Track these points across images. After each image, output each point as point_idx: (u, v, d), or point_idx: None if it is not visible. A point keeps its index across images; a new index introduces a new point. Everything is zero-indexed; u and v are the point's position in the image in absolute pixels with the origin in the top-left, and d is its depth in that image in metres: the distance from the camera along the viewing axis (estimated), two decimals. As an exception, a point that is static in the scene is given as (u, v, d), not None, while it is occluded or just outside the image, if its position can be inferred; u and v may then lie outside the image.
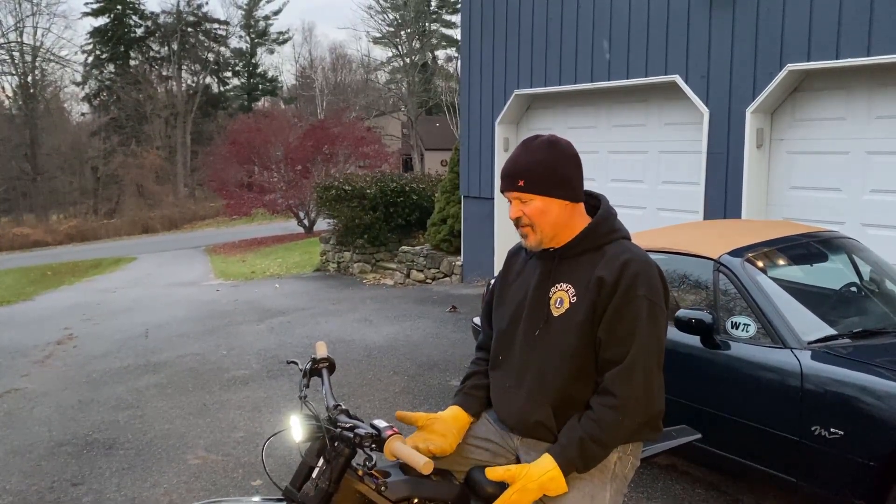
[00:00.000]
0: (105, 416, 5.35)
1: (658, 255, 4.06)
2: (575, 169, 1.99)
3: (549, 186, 1.94)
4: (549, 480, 1.82)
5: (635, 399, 1.84)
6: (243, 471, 4.22)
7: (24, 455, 4.66)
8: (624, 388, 1.84)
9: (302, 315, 8.80)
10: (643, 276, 1.88)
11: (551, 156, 1.96)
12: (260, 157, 23.39)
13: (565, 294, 1.94)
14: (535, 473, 1.82)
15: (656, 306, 1.88)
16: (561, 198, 1.95)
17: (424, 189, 12.62)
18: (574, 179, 1.98)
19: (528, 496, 1.82)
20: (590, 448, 1.83)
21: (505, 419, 2.08)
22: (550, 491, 1.83)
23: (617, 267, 1.88)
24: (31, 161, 42.36)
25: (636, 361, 1.84)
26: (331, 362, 2.10)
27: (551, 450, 1.86)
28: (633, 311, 1.85)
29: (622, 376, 1.84)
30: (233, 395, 5.68)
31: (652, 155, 7.42)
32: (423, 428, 2.04)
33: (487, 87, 9.17)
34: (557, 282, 1.97)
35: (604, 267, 1.90)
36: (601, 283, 1.88)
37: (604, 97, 7.86)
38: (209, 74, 49.94)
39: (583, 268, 1.94)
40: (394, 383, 5.80)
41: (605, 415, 1.84)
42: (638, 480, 3.84)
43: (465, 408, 2.13)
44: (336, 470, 1.84)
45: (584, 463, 1.84)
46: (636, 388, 1.84)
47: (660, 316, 1.89)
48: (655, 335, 1.88)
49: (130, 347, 7.57)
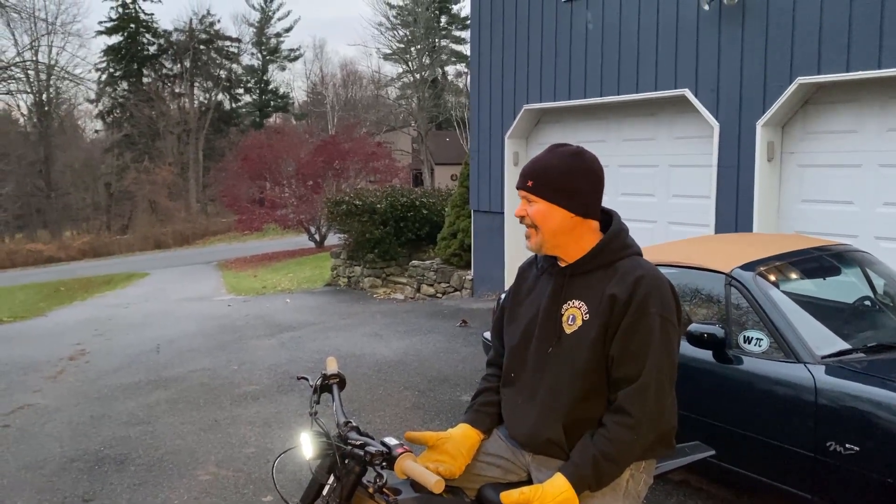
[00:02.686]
0: (117, 431, 5.36)
1: (669, 269, 4.04)
2: (590, 184, 1.96)
3: (555, 193, 1.93)
4: (564, 501, 1.80)
5: (649, 417, 1.82)
6: (254, 487, 4.21)
7: (36, 471, 4.67)
8: (638, 406, 1.82)
9: (312, 330, 8.80)
10: (656, 293, 1.86)
11: (569, 164, 1.95)
12: (271, 173, 23.52)
13: (578, 311, 1.92)
14: (550, 494, 1.80)
15: (669, 323, 1.86)
16: (566, 208, 1.94)
17: (434, 203, 12.64)
18: (586, 194, 1.95)
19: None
20: (603, 466, 1.82)
21: (516, 436, 2.07)
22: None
23: (629, 284, 1.87)
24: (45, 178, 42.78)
25: (650, 380, 1.82)
26: (341, 378, 2.09)
27: (564, 469, 1.85)
28: (646, 329, 1.84)
29: (636, 395, 1.82)
30: (244, 411, 5.68)
31: (662, 169, 7.41)
32: (434, 448, 2.02)
33: (497, 102, 9.20)
34: (569, 299, 1.95)
35: (616, 284, 1.89)
36: (614, 300, 1.87)
37: (613, 111, 7.87)
38: (221, 91, 50.38)
39: (595, 285, 1.92)
40: (405, 398, 5.78)
41: (619, 433, 1.83)
42: (651, 497, 3.80)
43: (475, 425, 2.11)
44: (346, 487, 1.83)
45: (597, 481, 1.83)
46: (650, 407, 1.82)
47: (672, 333, 1.87)
48: (668, 353, 1.86)
49: (142, 363, 7.60)
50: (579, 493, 1.82)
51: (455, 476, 1.99)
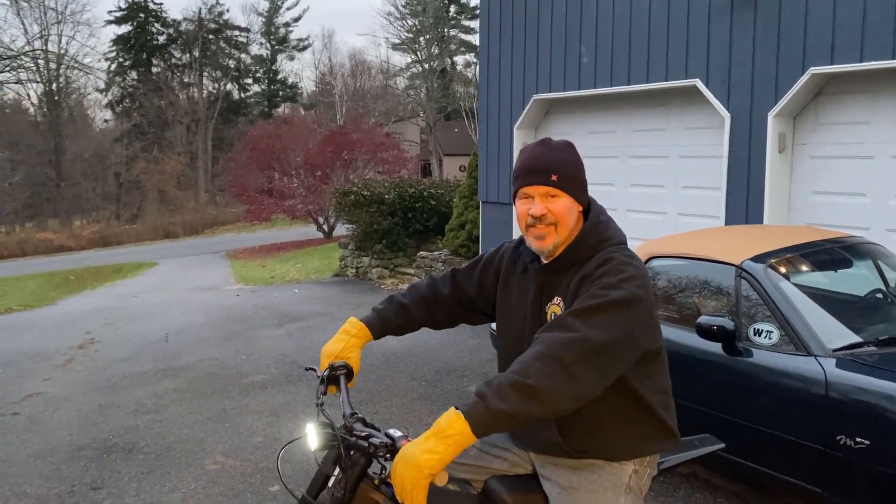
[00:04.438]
0: (125, 420, 5.39)
1: (679, 260, 4.01)
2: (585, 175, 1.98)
3: (577, 187, 1.91)
4: (451, 430, 1.57)
5: (564, 371, 1.60)
6: (261, 476, 4.22)
7: (44, 459, 4.69)
8: (562, 349, 1.62)
9: (321, 320, 8.81)
10: (617, 268, 1.76)
11: (576, 157, 1.94)
12: (280, 163, 23.50)
13: (558, 308, 1.87)
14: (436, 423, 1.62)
15: (626, 301, 1.70)
16: (581, 202, 1.92)
17: (443, 194, 12.60)
18: (586, 186, 1.97)
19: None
20: (502, 391, 1.58)
21: (516, 435, 2.07)
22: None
23: (594, 265, 1.81)
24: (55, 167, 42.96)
25: (576, 339, 1.64)
26: (349, 370, 2.08)
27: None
28: (595, 292, 1.72)
29: (564, 341, 1.64)
30: (252, 401, 5.69)
31: (672, 160, 7.35)
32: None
33: (506, 92, 9.14)
34: (551, 297, 1.90)
35: (585, 268, 1.83)
36: (581, 280, 1.81)
37: (623, 101, 7.81)
38: (230, 81, 50.39)
39: (571, 279, 1.86)
40: (412, 389, 5.78)
41: (529, 362, 1.62)
42: (658, 489, 3.79)
43: (366, 323, 2.15)
44: (351, 479, 1.82)
45: (488, 408, 1.57)
46: (567, 363, 1.61)
47: (620, 313, 1.69)
48: (607, 327, 1.66)
49: (151, 352, 7.62)
50: (474, 422, 1.57)
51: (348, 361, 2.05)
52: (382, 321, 2.18)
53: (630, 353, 1.73)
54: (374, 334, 2.16)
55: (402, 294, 2.24)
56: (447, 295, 2.21)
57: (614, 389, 1.78)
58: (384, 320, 2.18)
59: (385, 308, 2.20)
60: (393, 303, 2.21)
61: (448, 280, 2.23)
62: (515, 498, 1.97)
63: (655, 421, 1.90)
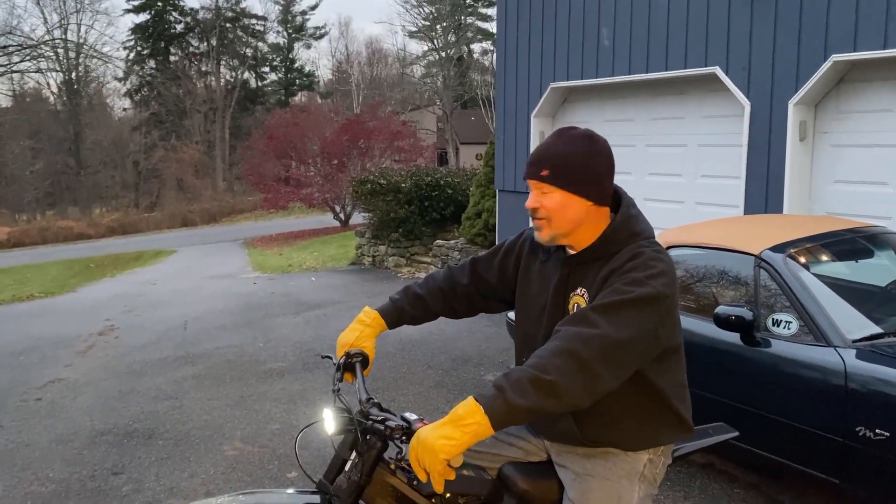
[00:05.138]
0: (145, 406, 5.45)
1: (697, 250, 3.99)
2: (606, 169, 1.86)
3: (573, 182, 1.82)
4: (469, 419, 1.58)
5: (582, 365, 1.60)
6: (279, 462, 4.26)
7: (66, 443, 4.76)
8: (581, 346, 1.61)
9: (338, 308, 8.85)
10: (643, 267, 1.74)
11: (585, 149, 1.84)
12: (297, 152, 23.57)
13: (582, 300, 1.86)
14: (454, 412, 1.63)
15: (651, 299, 1.68)
16: (585, 196, 1.83)
17: (459, 183, 12.59)
18: (605, 180, 1.86)
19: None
20: (521, 386, 1.59)
21: (531, 424, 2.07)
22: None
23: (622, 260, 1.78)
24: (74, 155, 43.38)
25: (595, 335, 1.63)
26: (364, 357, 2.09)
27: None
28: (621, 288, 1.70)
29: (582, 337, 1.63)
30: (269, 388, 5.74)
31: (691, 148, 7.29)
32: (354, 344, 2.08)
33: (523, 81, 9.10)
34: (575, 288, 1.88)
35: (612, 263, 1.81)
36: (609, 273, 1.79)
37: (642, 90, 7.75)
38: (247, 70, 50.52)
39: (598, 272, 1.84)
40: (428, 377, 5.80)
41: (551, 358, 1.61)
42: (675, 478, 3.79)
43: (381, 313, 2.16)
44: (367, 463, 1.83)
45: (505, 400, 1.58)
46: (588, 357, 1.60)
47: (645, 311, 1.68)
48: (628, 324, 1.65)
49: (170, 339, 7.70)
50: (492, 415, 1.58)
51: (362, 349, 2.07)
52: (397, 311, 2.19)
53: (650, 350, 1.73)
54: (388, 324, 2.17)
55: (419, 284, 2.24)
56: (465, 284, 2.19)
57: (631, 383, 1.78)
58: (399, 310, 2.19)
59: (400, 298, 2.21)
60: (408, 293, 2.21)
61: (467, 269, 2.22)
62: (530, 484, 1.98)
63: (671, 413, 1.89)
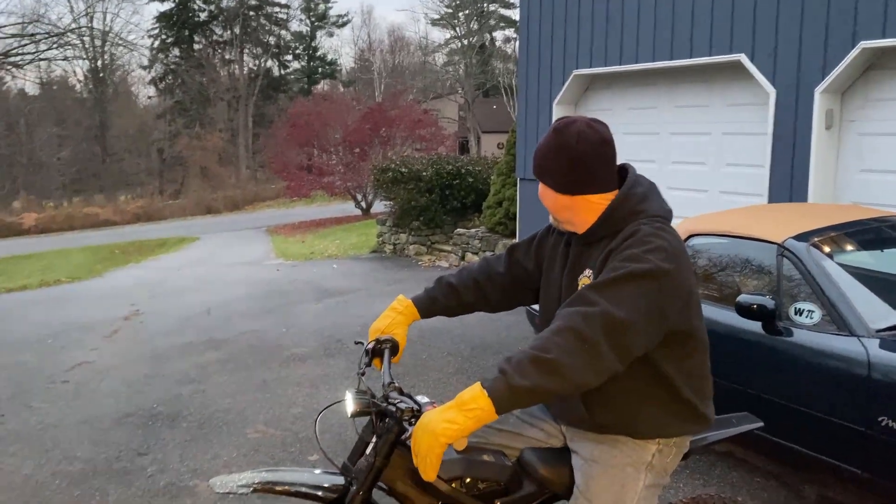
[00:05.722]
0: (169, 389, 5.54)
1: (719, 238, 3.97)
2: (566, 162, 1.82)
3: (540, 174, 1.89)
4: (473, 404, 1.60)
5: (585, 344, 1.59)
6: (301, 446, 4.32)
7: (93, 425, 4.86)
8: (583, 323, 1.60)
9: (358, 295, 8.91)
10: (643, 240, 1.72)
11: (547, 143, 1.85)
12: (319, 140, 23.66)
13: (588, 280, 1.85)
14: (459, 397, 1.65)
15: (648, 274, 1.65)
16: (551, 188, 1.88)
17: (480, 171, 12.57)
18: (564, 173, 1.83)
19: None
20: (522, 367, 1.59)
21: (548, 407, 2.09)
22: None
23: (624, 236, 1.77)
24: (100, 143, 43.90)
25: (597, 312, 1.61)
26: (394, 344, 2.12)
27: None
28: (616, 265, 1.69)
29: (584, 315, 1.61)
30: (291, 372, 5.80)
31: (715, 136, 7.22)
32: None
33: (546, 68, 9.05)
34: (583, 269, 1.89)
35: (614, 241, 1.80)
36: (608, 255, 1.79)
37: (666, 77, 7.68)
38: (270, 58, 50.71)
39: (601, 251, 1.84)
40: (448, 364, 5.83)
41: (551, 339, 1.61)
42: (694, 466, 3.78)
43: (414, 302, 2.19)
44: (385, 445, 1.86)
45: (508, 383, 1.59)
46: (591, 335, 1.59)
47: (645, 285, 1.65)
48: (627, 300, 1.62)
49: (193, 324, 7.80)
50: (496, 398, 1.59)
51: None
52: (430, 301, 2.20)
53: (654, 328, 1.68)
54: (421, 313, 2.19)
55: (453, 275, 2.24)
56: (502, 272, 2.19)
57: (643, 369, 1.77)
58: (432, 300, 2.20)
59: (433, 288, 2.22)
60: (442, 283, 2.22)
61: (504, 257, 2.22)
62: (549, 471, 1.99)
63: (684, 404, 1.87)
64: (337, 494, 1.91)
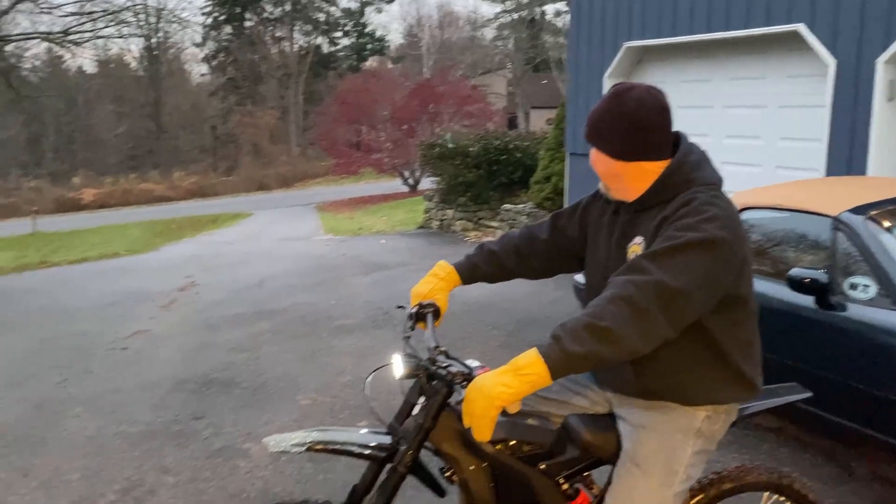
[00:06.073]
0: (223, 357, 5.71)
1: (772, 212, 3.89)
2: (623, 127, 1.79)
3: (595, 139, 1.85)
4: (529, 370, 1.64)
5: (638, 312, 1.60)
6: (349, 412, 4.42)
7: (151, 390, 5.05)
8: (636, 292, 1.60)
9: (405, 270, 8.99)
10: (698, 209, 1.70)
11: (604, 108, 1.81)
12: (367, 117, 23.78)
13: (639, 248, 1.84)
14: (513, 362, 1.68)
15: (704, 243, 1.65)
16: (605, 153, 1.84)
17: (528, 147, 12.46)
18: (621, 138, 1.81)
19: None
20: (577, 333, 1.62)
21: (595, 375, 2.09)
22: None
23: (677, 205, 1.76)
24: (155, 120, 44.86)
25: (652, 280, 1.61)
26: (436, 309, 2.15)
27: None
28: (672, 234, 1.68)
29: (638, 284, 1.62)
30: (340, 343, 5.92)
31: (770, 109, 7.04)
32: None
33: (597, 40, 8.92)
34: (633, 237, 1.88)
35: (667, 210, 1.78)
36: (661, 222, 1.77)
37: (720, 48, 7.49)
38: (320, 35, 50.92)
39: (652, 219, 1.82)
40: (492, 338, 5.87)
41: (605, 306, 1.62)
42: (742, 441, 3.75)
43: (456, 268, 2.21)
44: (433, 407, 1.90)
45: (562, 349, 1.63)
46: (645, 302, 1.60)
47: (700, 254, 1.64)
48: (681, 269, 1.62)
49: (246, 296, 7.99)
50: (551, 364, 1.63)
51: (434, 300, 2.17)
52: (471, 267, 2.22)
53: (707, 296, 1.68)
54: (462, 279, 2.22)
55: (494, 242, 2.25)
56: (545, 239, 2.19)
57: (693, 335, 1.77)
58: (473, 266, 2.22)
59: (475, 255, 2.23)
60: (483, 250, 2.23)
61: (547, 224, 2.21)
62: (593, 436, 2.01)
63: (733, 371, 1.86)
64: (385, 453, 1.96)
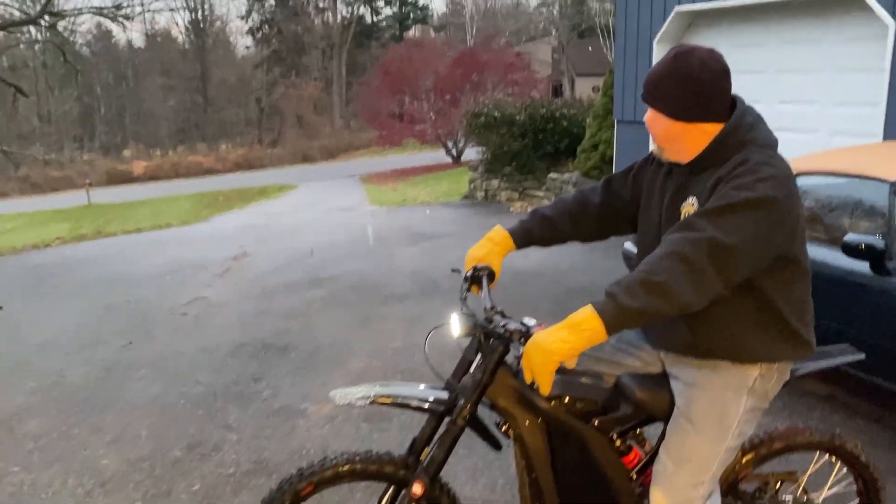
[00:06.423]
0: (278, 323, 5.88)
1: (827, 178, 3.85)
2: (685, 88, 1.81)
3: (655, 99, 1.86)
4: (586, 326, 1.67)
5: (693, 267, 1.64)
6: (402, 376, 4.54)
7: (211, 353, 5.25)
8: (689, 249, 1.65)
9: (451, 240, 9.07)
10: (753, 169, 1.73)
11: (666, 69, 1.83)
12: (410, 87, 23.75)
13: (692, 208, 1.87)
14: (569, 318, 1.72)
15: (758, 202, 1.68)
16: (665, 114, 1.85)
17: (575, 115, 12.32)
18: (682, 99, 1.82)
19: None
20: (631, 288, 1.65)
21: (647, 334, 2.12)
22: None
23: (732, 165, 1.78)
24: (202, 93, 45.52)
25: (704, 237, 1.65)
26: (490, 272, 2.22)
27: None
28: (727, 193, 1.71)
29: (691, 241, 1.66)
30: (390, 310, 6.04)
31: (826, 73, 6.86)
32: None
33: (646, 5, 8.77)
34: (686, 198, 1.90)
35: (722, 170, 1.80)
36: (717, 182, 1.79)
37: (775, 11, 7.30)
38: (363, 4, 50.80)
39: (708, 179, 1.84)
40: (540, 306, 5.92)
41: (660, 262, 1.66)
42: (794, 407, 3.76)
43: (510, 232, 2.24)
44: (490, 364, 1.97)
45: (616, 304, 1.65)
46: (698, 258, 1.64)
47: (754, 212, 1.68)
48: (734, 227, 1.66)
49: (298, 264, 8.18)
50: (606, 319, 1.65)
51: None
52: (525, 232, 2.27)
53: (760, 254, 1.72)
54: (517, 244, 2.27)
55: (547, 207, 2.30)
56: (598, 203, 2.23)
57: (747, 294, 1.81)
58: (527, 231, 2.27)
59: (529, 220, 2.28)
60: (536, 215, 2.28)
61: (600, 188, 2.25)
62: (646, 394, 2.06)
63: (786, 328, 1.89)
64: (444, 407, 2.05)
